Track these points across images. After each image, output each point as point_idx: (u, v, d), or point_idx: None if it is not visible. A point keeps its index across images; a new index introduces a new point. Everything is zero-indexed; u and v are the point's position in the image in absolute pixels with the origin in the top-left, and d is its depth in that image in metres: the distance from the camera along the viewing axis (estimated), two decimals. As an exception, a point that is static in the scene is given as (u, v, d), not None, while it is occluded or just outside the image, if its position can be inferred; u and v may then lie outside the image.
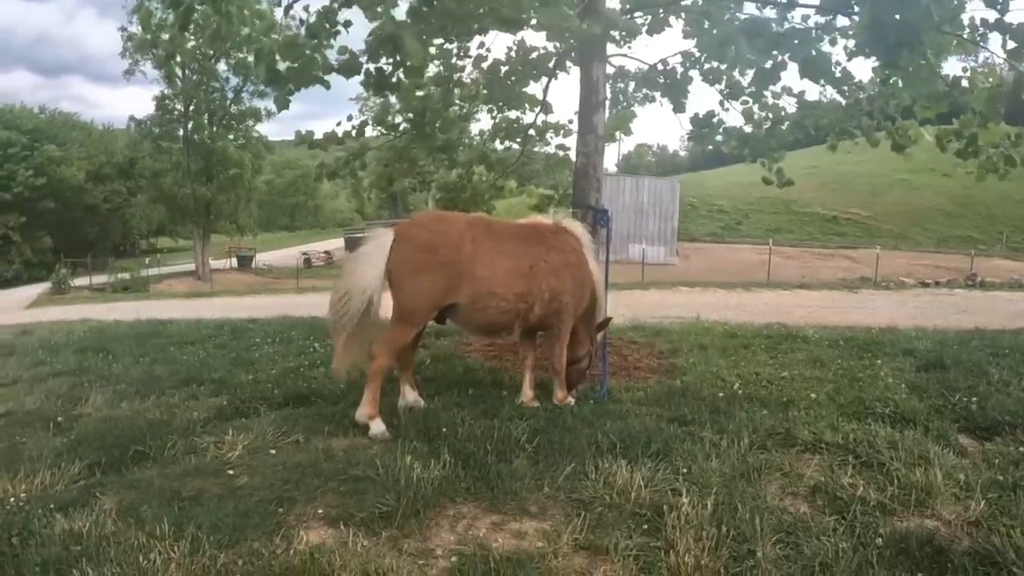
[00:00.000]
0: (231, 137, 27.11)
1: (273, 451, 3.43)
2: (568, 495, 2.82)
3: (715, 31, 3.53)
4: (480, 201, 8.87)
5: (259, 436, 3.60)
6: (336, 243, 35.37)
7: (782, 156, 6.38)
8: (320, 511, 2.74)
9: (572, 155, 6.91)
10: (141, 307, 15.45)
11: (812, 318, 10.65)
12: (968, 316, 9.70)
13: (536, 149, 8.70)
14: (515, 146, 8.42)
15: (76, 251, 28.26)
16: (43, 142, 28.65)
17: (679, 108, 6.70)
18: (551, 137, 8.47)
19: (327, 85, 4.94)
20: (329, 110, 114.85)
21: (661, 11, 5.92)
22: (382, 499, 2.76)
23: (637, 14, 6.08)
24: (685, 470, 2.93)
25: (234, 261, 31.19)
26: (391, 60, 4.59)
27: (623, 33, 6.04)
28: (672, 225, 27.73)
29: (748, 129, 6.56)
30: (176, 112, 24.43)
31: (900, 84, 4.47)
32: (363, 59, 4.71)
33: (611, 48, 6.28)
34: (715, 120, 6.75)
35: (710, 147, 7.28)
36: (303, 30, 4.61)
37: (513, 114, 7.92)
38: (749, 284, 15.93)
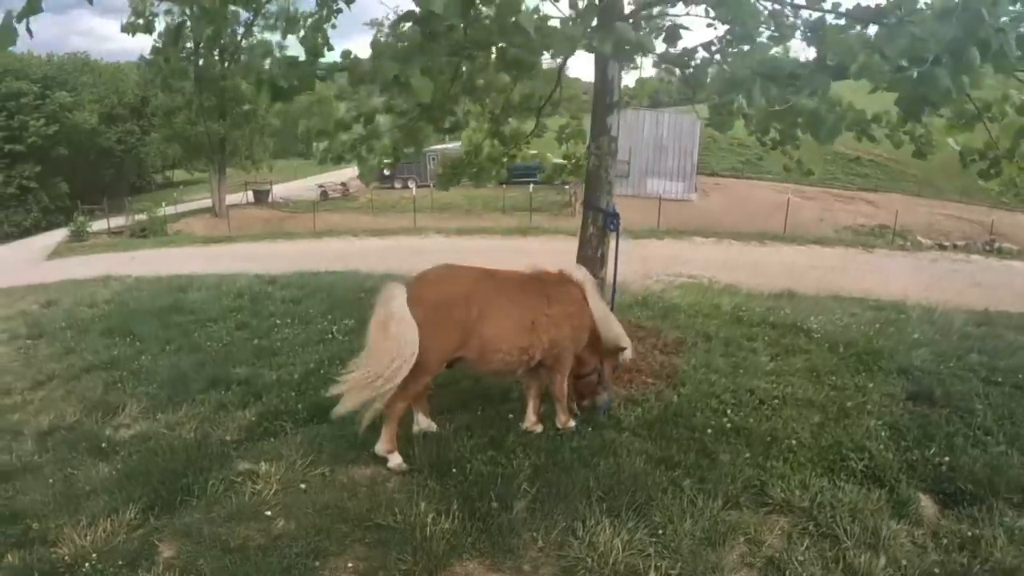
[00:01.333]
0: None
1: (303, 485, 3.78)
2: (557, 553, 3.15)
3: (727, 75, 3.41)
4: (487, 176, 8.82)
5: (289, 467, 3.94)
6: (352, 173, 35.01)
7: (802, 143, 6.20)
8: (350, 564, 3.12)
9: (587, 124, 6.77)
10: (160, 257, 15.90)
11: (824, 283, 10.76)
12: (981, 292, 9.72)
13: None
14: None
15: (93, 194, 28.44)
16: (54, 89, 28.26)
17: (697, 97, 6.49)
18: (563, 111, 8.30)
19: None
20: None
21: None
22: (402, 554, 3.12)
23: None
24: (661, 531, 3.22)
25: (251, 196, 31.20)
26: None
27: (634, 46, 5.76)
28: (692, 161, 26.85)
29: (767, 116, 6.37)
30: (186, 50, 23.64)
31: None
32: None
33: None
34: (735, 106, 6.54)
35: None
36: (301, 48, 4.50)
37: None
38: (764, 236, 15.84)
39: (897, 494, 3.52)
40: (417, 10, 3.62)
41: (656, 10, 5.91)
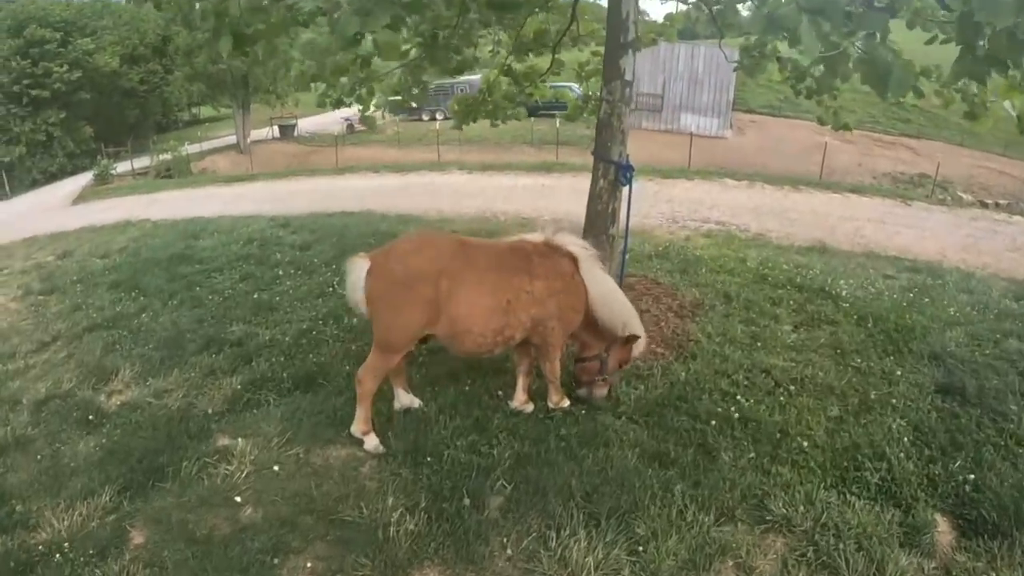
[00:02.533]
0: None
1: (277, 468, 3.67)
2: (525, 567, 2.93)
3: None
4: (502, 115, 8.26)
5: (265, 445, 3.86)
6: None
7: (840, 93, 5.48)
8: (309, 564, 3.00)
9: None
10: (181, 198, 15.91)
11: (858, 237, 10.00)
12: (1021, 257, 8.86)
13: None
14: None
15: (118, 135, 28.51)
16: (75, 35, 27.87)
17: (726, 33, 5.76)
18: (582, 48, 7.58)
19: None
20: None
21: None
22: (363, 556, 2.98)
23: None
24: (641, 548, 2.95)
25: (276, 131, 30.83)
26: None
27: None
28: (727, 97, 25.37)
29: (806, 62, 5.62)
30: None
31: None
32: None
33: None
34: (768, 49, 5.79)
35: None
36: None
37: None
38: (799, 181, 14.77)
39: (913, 516, 3.12)
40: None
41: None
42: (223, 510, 3.38)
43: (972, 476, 3.32)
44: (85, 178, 22.34)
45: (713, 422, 3.95)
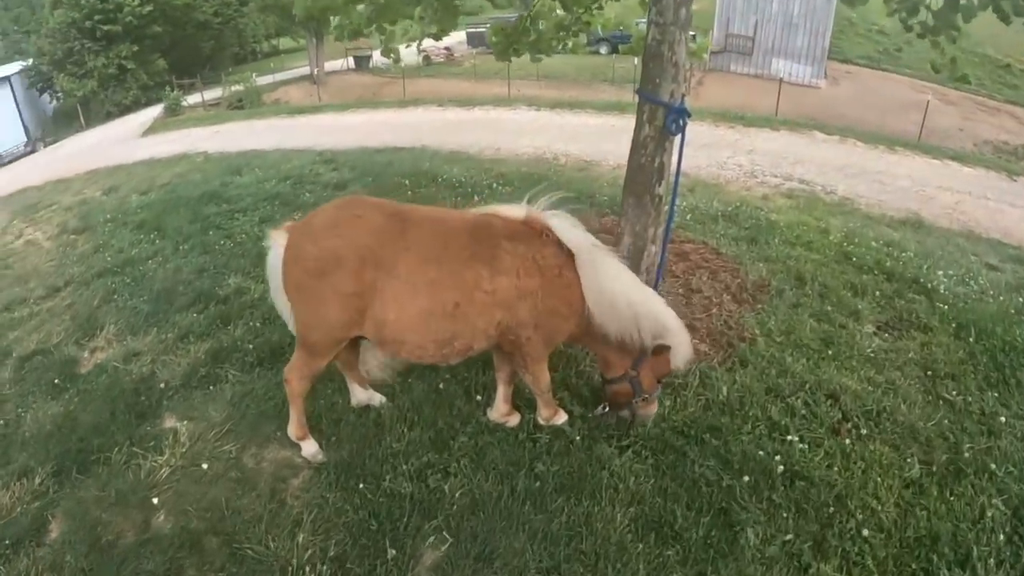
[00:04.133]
0: None
1: (206, 466, 3.28)
2: None
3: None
4: (547, 47, 7.19)
5: (203, 437, 3.48)
6: (458, 37, 32.94)
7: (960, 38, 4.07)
8: None
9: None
10: (243, 130, 15.91)
11: (957, 212, 8.30)
12: None
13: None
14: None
15: (193, 67, 28.88)
16: None
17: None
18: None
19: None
20: None
21: None
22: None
23: None
24: None
25: (351, 62, 30.38)
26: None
27: None
28: (823, 43, 22.76)
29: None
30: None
31: None
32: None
33: None
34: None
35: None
36: None
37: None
38: (895, 141, 12.60)
39: None
40: None
41: None
42: (137, 513, 3.06)
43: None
44: (157, 110, 23.01)
45: (747, 477, 2.98)
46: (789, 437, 3.24)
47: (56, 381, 4.24)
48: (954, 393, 3.64)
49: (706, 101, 18.89)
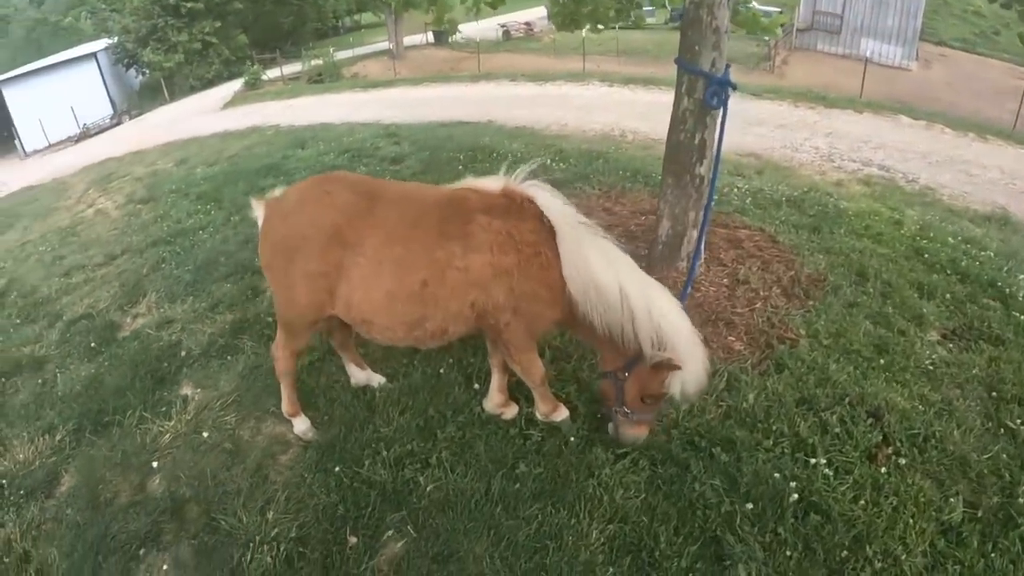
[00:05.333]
0: None
1: (206, 434, 3.38)
2: None
3: None
4: (605, 17, 6.79)
5: (209, 407, 3.58)
6: (538, 12, 32.39)
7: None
8: (165, 567, 2.68)
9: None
10: (316, 104, 16.38)
11: None
12: None
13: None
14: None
15: (275, 42, 30.03)
16: None
17: None
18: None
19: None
20: None
21: None
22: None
23: None
24: None
25: (431, 36, 30.58)
26: None
27: None
28: (916, 23, 21.15)
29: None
30: None
31: None
32: None
33: None
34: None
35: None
36: None
37: None
38: (987, 129, 11.10)
39: None
40: None
41: None
42: (136, 475, 3.20)
43: None
44: (238, 84, 24.14)
45: (751, 504, 2.63)
46: (814, 460, 2.86)
47: (93, 345, 4.51)
48: (1019, 422, 3.11)
49: (791, 80, 17.65)
